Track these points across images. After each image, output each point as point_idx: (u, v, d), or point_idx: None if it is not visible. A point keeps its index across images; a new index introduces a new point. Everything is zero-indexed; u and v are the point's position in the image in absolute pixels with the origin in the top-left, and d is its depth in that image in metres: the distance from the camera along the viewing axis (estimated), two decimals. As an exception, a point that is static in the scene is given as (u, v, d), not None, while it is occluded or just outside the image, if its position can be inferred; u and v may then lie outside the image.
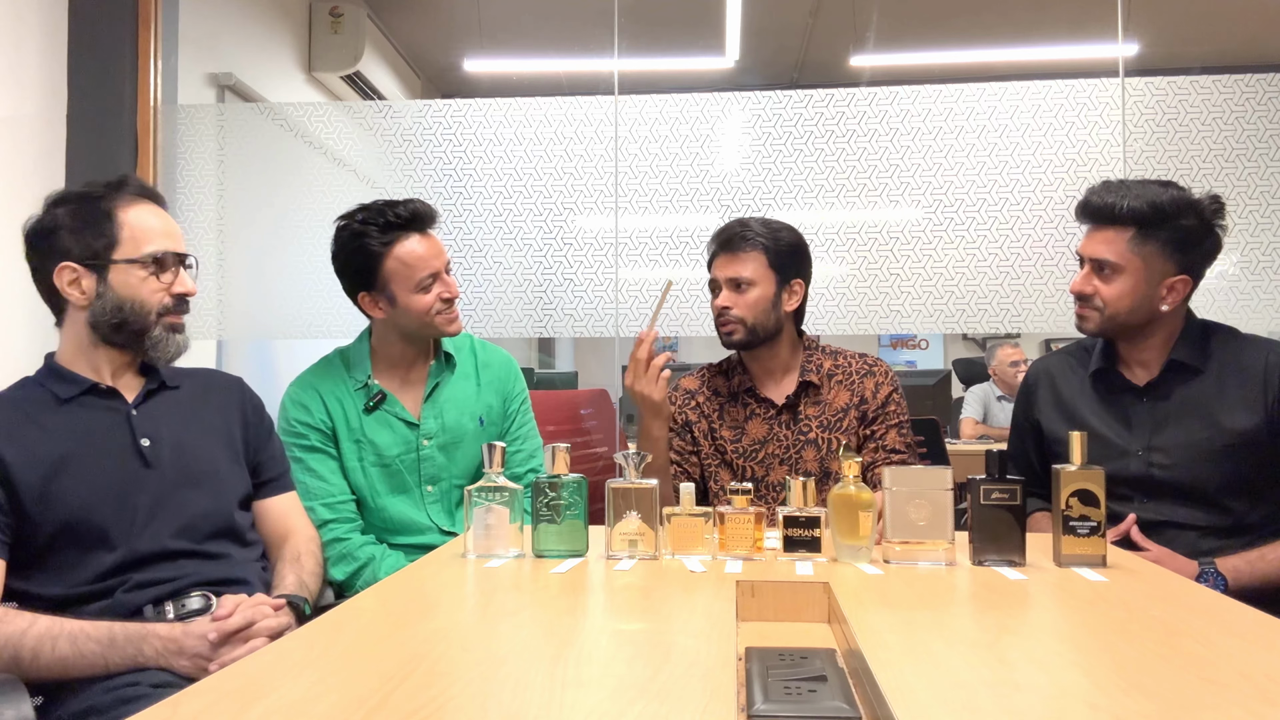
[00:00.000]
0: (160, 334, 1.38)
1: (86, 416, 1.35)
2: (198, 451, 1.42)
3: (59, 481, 1.28)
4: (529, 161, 2.63)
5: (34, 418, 1.33)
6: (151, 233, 1.37)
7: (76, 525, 1.29)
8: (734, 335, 1.79)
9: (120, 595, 1.29)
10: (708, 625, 0.96)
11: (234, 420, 1.51)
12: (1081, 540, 1.25)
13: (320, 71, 4.17)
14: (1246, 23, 4.92)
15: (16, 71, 2.38)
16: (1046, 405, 1.75)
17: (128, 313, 1.35)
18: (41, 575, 1.29)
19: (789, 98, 2.56)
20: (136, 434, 1.37)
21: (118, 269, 1.35)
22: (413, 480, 1.78)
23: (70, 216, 1.35)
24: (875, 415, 1.79)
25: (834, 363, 1.84)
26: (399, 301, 1.75)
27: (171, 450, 1.38)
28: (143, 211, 1.38)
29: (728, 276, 1.78)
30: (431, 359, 1.86)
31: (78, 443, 1.32)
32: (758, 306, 1.77)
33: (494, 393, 1.90)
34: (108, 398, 1.38)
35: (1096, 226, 1.61)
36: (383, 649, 0.88)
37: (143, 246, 1.36)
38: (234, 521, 1.43)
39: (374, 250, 1.72)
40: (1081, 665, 0.81)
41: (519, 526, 1.33)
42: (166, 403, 1.44)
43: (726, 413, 1.85)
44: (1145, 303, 1.58)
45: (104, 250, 1.34)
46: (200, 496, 1.39)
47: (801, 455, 1.79)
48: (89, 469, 1.31)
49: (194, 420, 1.45)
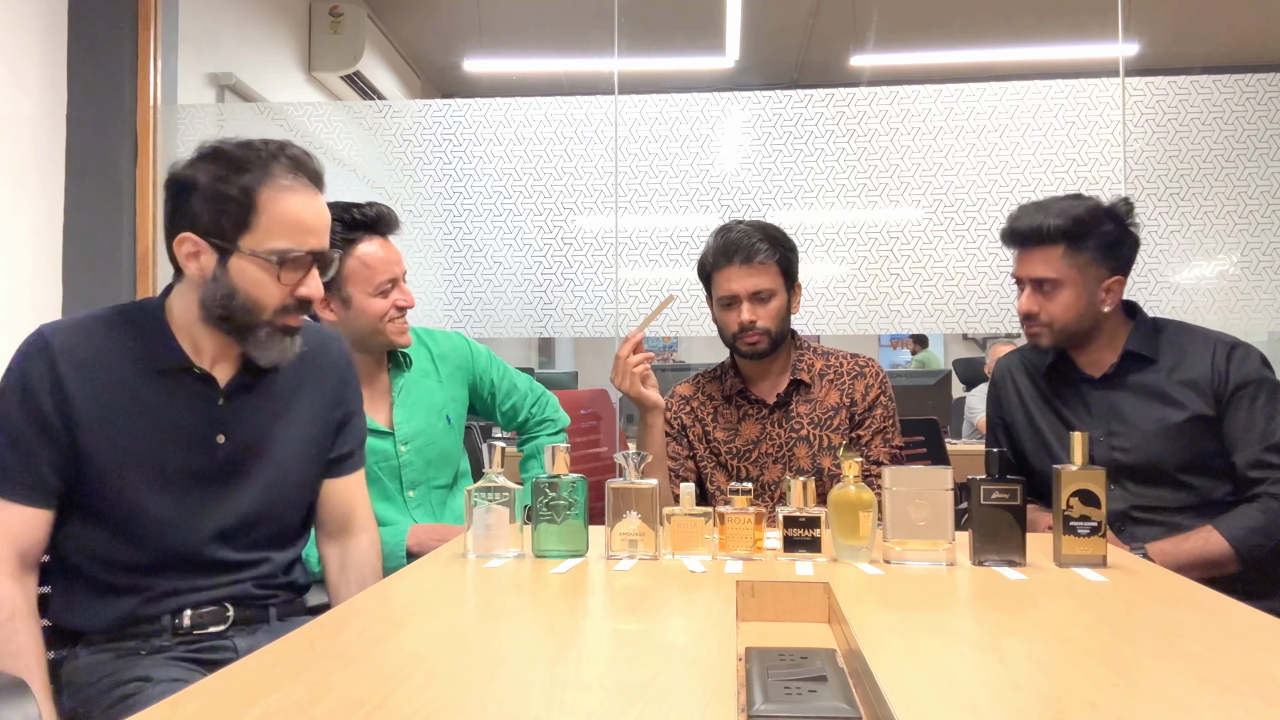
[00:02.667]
0: (268, 335, 1.24)
1: (174, 398, 1.25)
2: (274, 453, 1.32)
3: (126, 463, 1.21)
4: (529, 161, 2.63)
5: (125, 381, 1.22)
6: (290, 225, 1.21)
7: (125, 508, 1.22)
8: (759, 346, 1.76)
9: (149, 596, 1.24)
10: (708, 625, 0.96)
11: (326, 404, 1.39)
12: (1081, 540, 1.25)
13: (320, 71, 4.17)
14: (1246, 23, 4.93)
15: (16, 71, 2.38)
16: (1011, 402, 1.83)
17: (239, 304, 1.21)
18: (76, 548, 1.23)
19: (789, 98, 2.56)
20: (214, 430, 1.27)
21: (240, 256, 1.20)
22: (394, 487, 1.77)
23: (211, 179, 1.20)
24: (862, 419, 1.79)
25: (825, 363, 1.84)
26: (354, 304, 1.70)
27: (246, 452, 1.29)
28: (289, 198, 1.22)
29: (751, 290, 1.75)
30: (389, 364, 1.82)
31: (157, 427, 1.23)
32: (779, 316, 1.77)
33: (457, 383, 1.88)
34: (200, 382, 1.27)
35: (1027, 249, 1.70)
36: (383, 649, 0.88)
37: (275, 239, 1.20)
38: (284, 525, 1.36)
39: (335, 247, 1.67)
40: (1081, 665, 0.81)
41: (519, 525, 1.33)
42: (259, 394, 1.31)
43: (720, 415, 1.86)
44: (1089, 309, 1.68)
45: (232, 231, 1.19)
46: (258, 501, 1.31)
47: (794, 452, 1.79)
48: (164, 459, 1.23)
49: (283, 416, 1.34)
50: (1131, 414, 1.68)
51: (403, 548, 1.69)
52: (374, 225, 1.72)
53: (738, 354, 1.82)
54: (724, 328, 1.81)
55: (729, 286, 1.77)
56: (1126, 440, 1.68)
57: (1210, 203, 2.42)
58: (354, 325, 1.73)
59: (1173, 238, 2.42)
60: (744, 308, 1.75)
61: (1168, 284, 2.42)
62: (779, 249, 1.77)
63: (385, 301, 1.71)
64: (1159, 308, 2.40)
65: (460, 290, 2.61)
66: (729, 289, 1.77)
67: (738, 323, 1.76)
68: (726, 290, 1.78)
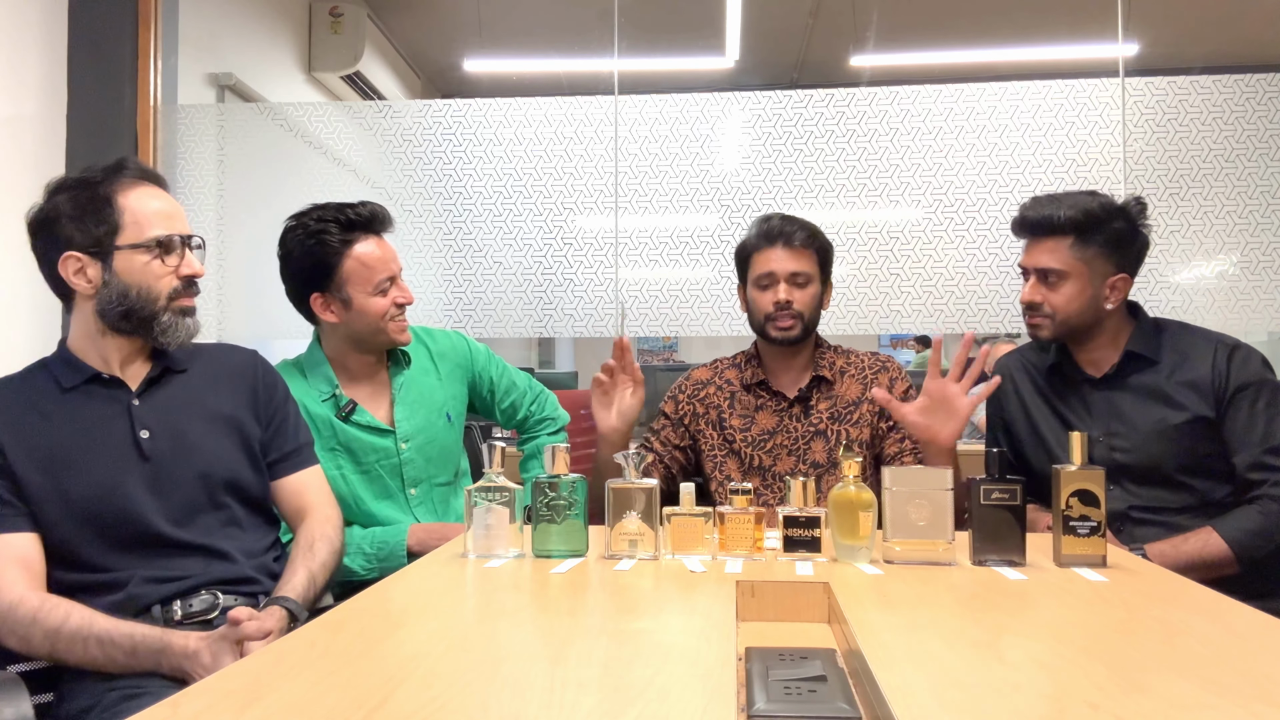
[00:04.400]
0: (170, 319, 1.35)
1: (88, 406, 1.35)
2: (199, 441, 1.40)
3: (58, 473, 1.29)
4: (529, 161, 2.63)
5: (36, 405, 1.33)
6: (154, 215, 1.34)
7: (78, 515, 1.29)
8: (792, 331, 1.78)
9: (131, 589, 1.29)
10: (708, 625, 0.96)
11: (243, 404, 1.47)
12: (1081, 540, 1.25)
13: (320, 71, 4.17)
14: (1246, 23, 4.93)
15: (17, 71, 2.38)
16: (1012, 402, 1.83)
17: (134, 299, 1.33)
18: (57, 560, 1.30)
19: (789, 98, 2.56)
20: (136, 426, 1.35)
21: (122, 255, 1.32)
22: (395, 485, 1.78)
23: (70, 204, 1.32)
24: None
25: (845, 360, 1.87)
26: (354, 304, 1.71)
27: (171, 441, 1.37)
28: (143, 194, 1.35)
29: (790, 271, 1.78)
30: (389, 362, 1.83)
31: (77, 434, 1.32)
32: (813, 303, 1.81)
33: (456, 381, 1.89)
34: (110, 387, 1.37)
35: (1036, 239, 1.70)
36: (383, 649, 0.88)
37: (146, 230, 1.33)
38: (236, 512, 1.42)
39: (332, 248, 1.68)
40: (1081, 665, 0.81)
41: (519, 525, 1.33)
42: (171, 390, 1.41)
43: (738, 401, 1.86)
44: (1092, 304, 1.67)
45: (106, 237, 1.32)
46: (198, 488, 1.37)
47: (810, 446, 1.80)
48: (87, 461, 1.31)
49: (198, 407, 1.42)
50: (1131, 414, 1.68)
51: (403, 547, 1.69)
52: (369, 224, 1.73)
53: (766, 339, 1.83)
54: (756, 310, 1.82)
55: (769, 265, 1.80)
56: (1126, 441, 1.67)
57: (1210, 203, 2.42)
58: (355, 326, 1.74)
59: (1173, 238, 2.42)
60: (781, 287, 1.77)
61: (1168, 284, 2.42)
62: (818, 240, 1.82)
63: (385, 300, 1.72)
64: (1159, 308, 2.40)
65: (460, 290, 2.60)
66: (769, 267, 1.79)
67: (773, 302, 1.78)
68: (765, 268, 1.80)
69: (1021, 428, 1.80)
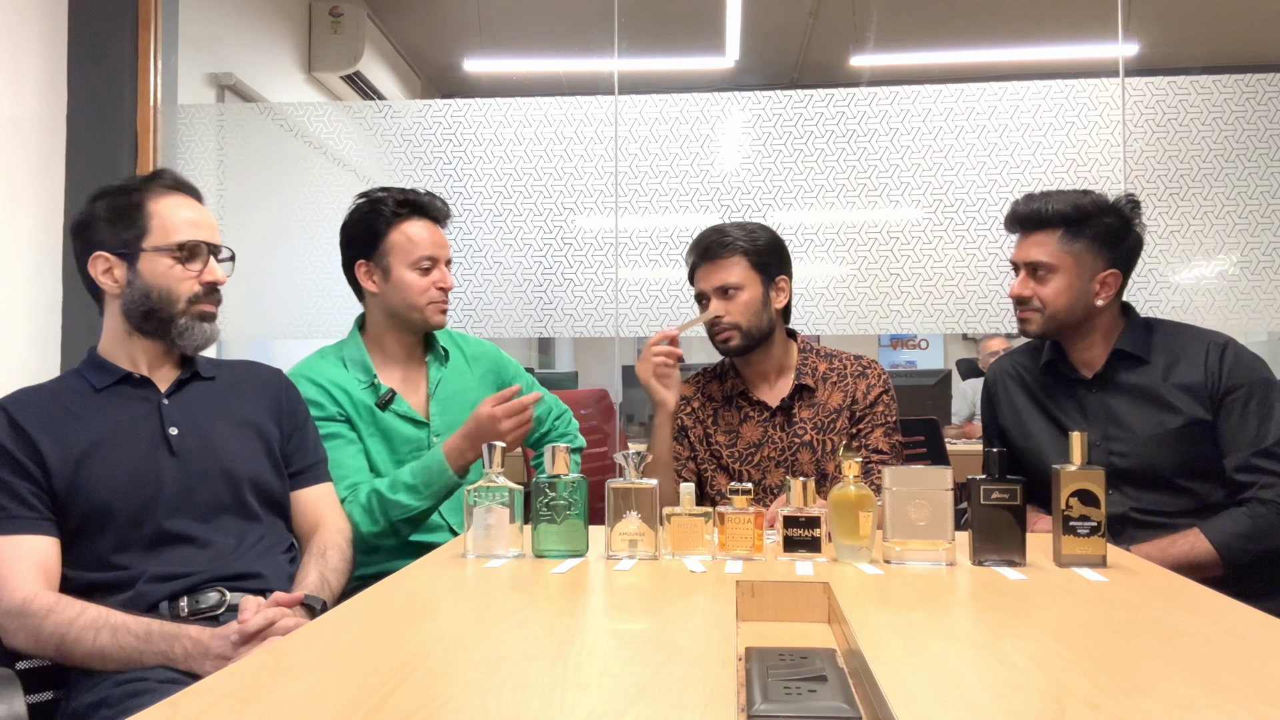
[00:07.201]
0: (187, 323, 1.41)
1: (119, 405, 1.39)
2: (224, 441, 1.44)
3: (87, 468, 1.32)
4: (529, 161, 2.63)
5: (70, 408, 1.37)
6: (181, 222, 1.41)
7: (101, 510, 1.32)
8: (731, 342, 1.79)
9: (141, 587, 1.31)
10: (708, 625, 0.96)
11: (266, 412, 1.52)
12: (1081, 540, 1.25)
13: (320, 71, 4.16)
14: (1246, 23, 4.92)
15: (17, 71, 2.38)
16: (1006, 407, 1.82)
17: (155, 300, 1.39)
18: (70, 559, 1.32)
19: (789, 98, 2.56)
20: (165, 423, 1.40)
21: (147, 257, 1.39)
22: None
23: (106, 209, 1.40)
24: (863, 414, 1.79)
25: (829, 365, 1.84)
26: (393, 275, 1.77)
27: (198, 439, 1.41)
28: (174, 202, 1.42)
29: (715, 285, 1.78)
30: (427, 353, 1.87)
31: (108, 431, 1.36)
32: (749, 310, 1.78)
33: (488, 386, 1.91)
34: (141, 387, 1.42)
35: (1026, 233, 1.71)
36: (383, 649, 0.88)
37: (172, 235, 1.39)
38: (256, 511, 1.45)
39: (384, 218, 1.78)
40: (1081, 665, 0.81)
41: (520, 525, 1.33)
42: (199, 393, 1.47)
43: (720, 417, 1.86)
44: (1082, 299, 1.66)
45: (134, 239, 1.39)
46: (223, 485, 1.41)
47: (797, 458, 1.78)
48: (117, 456, 1.34)
49: (225, 411, 1.47)
50: (1128, 418, 1.67)
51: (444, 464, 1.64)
52: (423, 208, 1.80)
53: (718, 351, 1.84)
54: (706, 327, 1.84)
55: (699, 285, 1.82)
56: (1124, 445, 1.66)
57: (1210, 203, 2.42)
58: (391, 299, 1.79)
59: (1173, 238, 2.42)
60: (713, 304, 1.78)
61: (1168, 284, 2.42)
62: (745, 243, 1.78)
63: (425, 279, 1.78)
64: (1159, 308, 2.40)
65: (460, 290, 2.60)
66: (699, 287, 1.82)
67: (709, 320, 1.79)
68: (698, 289, 1.83)
69: (1016, 433, 1.79)
